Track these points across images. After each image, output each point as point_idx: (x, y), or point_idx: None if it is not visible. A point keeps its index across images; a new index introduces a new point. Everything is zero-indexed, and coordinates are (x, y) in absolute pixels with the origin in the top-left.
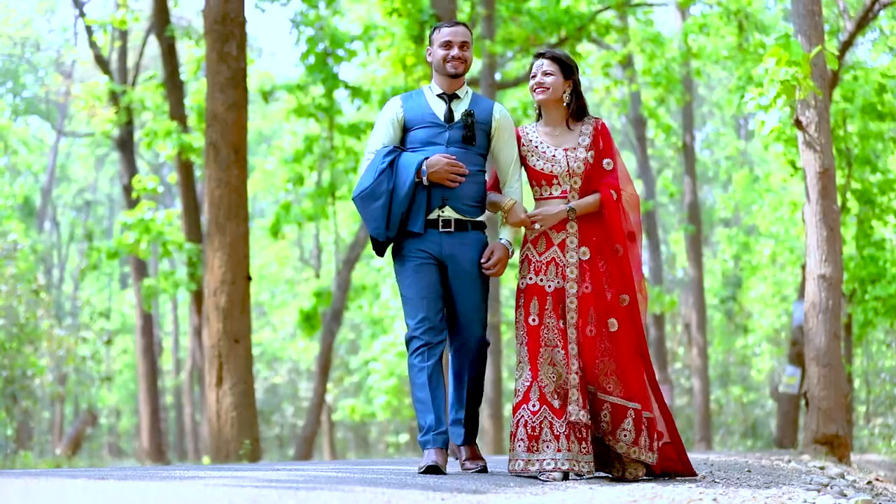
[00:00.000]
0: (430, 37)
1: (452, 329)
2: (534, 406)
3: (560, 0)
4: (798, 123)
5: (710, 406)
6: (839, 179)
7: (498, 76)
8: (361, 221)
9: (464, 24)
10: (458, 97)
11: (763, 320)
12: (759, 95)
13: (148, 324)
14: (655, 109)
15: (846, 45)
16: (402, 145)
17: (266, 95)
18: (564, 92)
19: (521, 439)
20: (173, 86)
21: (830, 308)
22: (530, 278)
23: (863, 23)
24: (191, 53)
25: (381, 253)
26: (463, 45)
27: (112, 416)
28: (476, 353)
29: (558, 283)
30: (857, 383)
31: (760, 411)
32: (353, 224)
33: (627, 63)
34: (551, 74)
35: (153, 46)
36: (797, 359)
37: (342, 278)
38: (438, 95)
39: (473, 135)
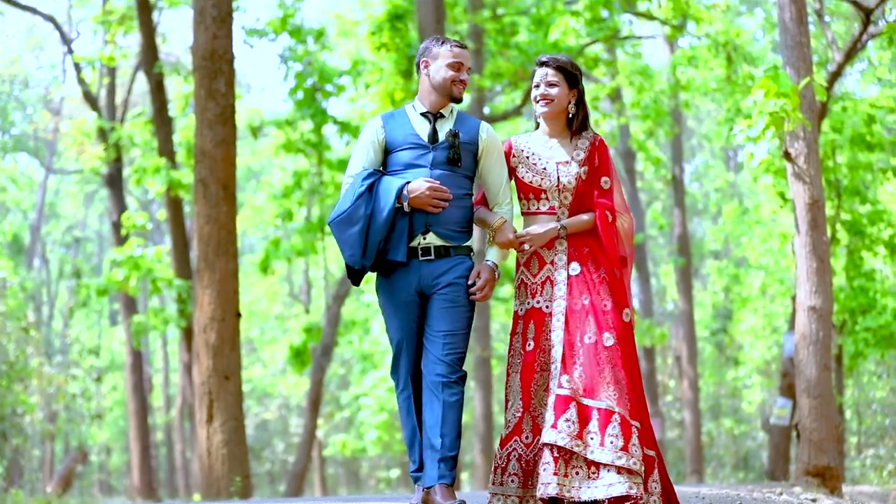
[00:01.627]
0: (428, 47)
1: (425, 355)
2: (527, 438)
3: (548, 33)
4: (787, 155)
5: (702, 438)
6: (829, 210)
7: (487, 110)
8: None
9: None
10: (442, 116)
11: (754, 352)
12: (747, 127)
13: (138, 361)
14: (644, 142)
15: (835, 76)
16: (384, 168)
17: (255, 131)
18: (569, 102)
19: (515, 474)
20: (162, 122)
21: (821, 339)
22: (528, 303)
23: (851, 54)
24: (179, 90)
25: (356, 282)
26: (468, 70)
27: (102, 453)
28: (452, 384)
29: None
30: (848, 414)
31: (752, 443)
32: (343, 259)
33: (616, 96)
34: (556, 85)
35: (142, 83)
36: (788, 390)
37: (332, 314)
38: (422, 114)
39: (459, 156)
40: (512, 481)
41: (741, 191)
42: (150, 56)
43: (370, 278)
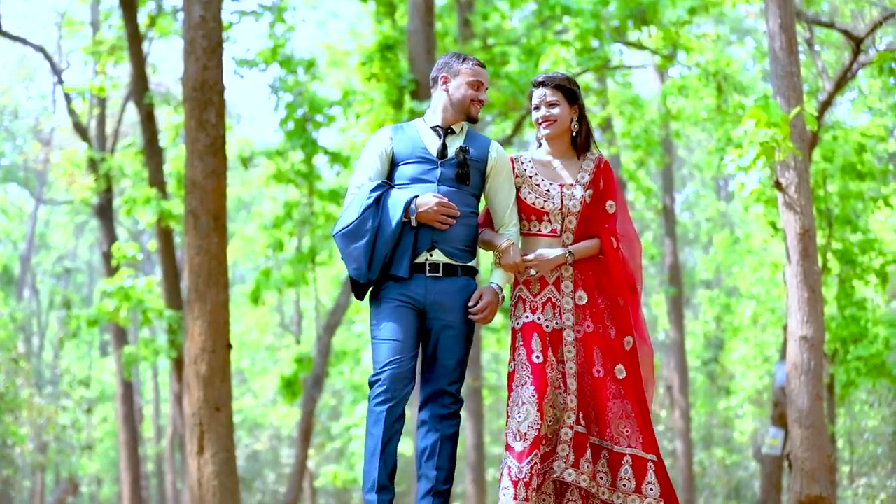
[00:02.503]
0: (448, 63)
1: (425, 385)
2: (546, 447)
3: (539, 63)
4: (778, 185)
5: (694, 468)
6: (820, 240)
7: None
8: (343, 283)
9: None
10: (452, 132)
11: (745, 381)
12: (738, 157)
13: (128, 391)
14: (635, 172)
15: (825, 105)
16: (389, 180)
17: (245, 162)
18: (571, 120)
19: (547, 494)
20: (152, 153)
21: (812, 369)
22: (527, 317)
23: (842, 83)
24: (170, 120)
25: (360, 296)
26: (486, 89)
27: (93, 484)
28: (451, 416)
29: (556, 323)
30: (840, 443)
31: (744, 473)
32: (334, 290)
33: (607, 126)
34: (556, 104)
35: (132, 113)
36: (780, 420)
37: (323, 344)
38: (433, 128)
39: (468, 173)
40: (543, 500)
41: (732, 220)
42: (140, 86)
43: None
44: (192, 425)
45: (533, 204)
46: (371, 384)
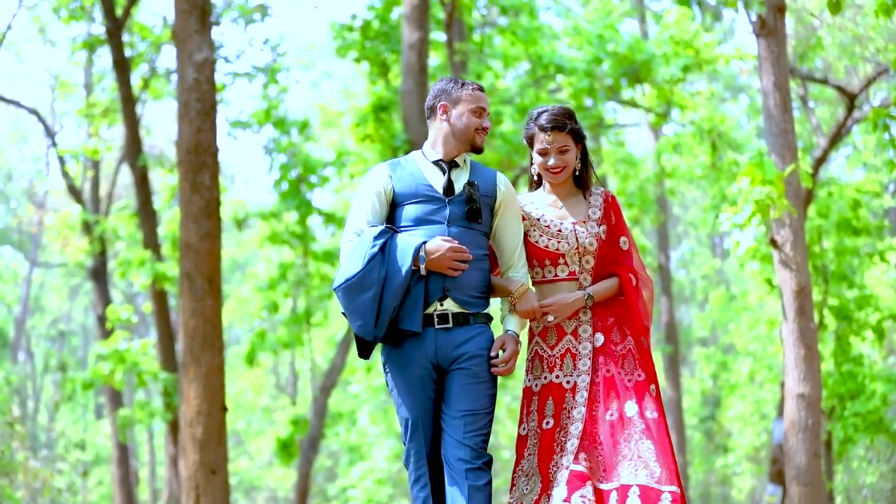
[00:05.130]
0: (446, 90)
1: (448, 441)
2: None
3: None
4: (773, 243)
5: None
6: (816, 296)
7: None
8: (339, 344)
9: None
10: (456, 165)
11: (743, 439)
12: (733, 214)
13: (124, 454)
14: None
15: (820, 162)
16: (390, 223)
17: (240, 223)
18: (577, 159)
19: None
20: (146, 215)
21: (810, 427)
22: (545, 377)
23: (836, 138)
24: (164, 182)
25: (366, 354)
26: (488, 115)
27: None
28: (480, 471)
29: (576, 375)
30: (838, 500)
31: None
32: (329, 351)
33: (601, 184)
34: (567, 150)
35: (126, 175)
36: (778, 477)
37: (319, 405)
38: (435, 162)
39: (479, 209)
40: None
41: (728, 277)
42: (134, 149)
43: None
44: (189, 488)
45: (546, 247)
46: (417, 479)
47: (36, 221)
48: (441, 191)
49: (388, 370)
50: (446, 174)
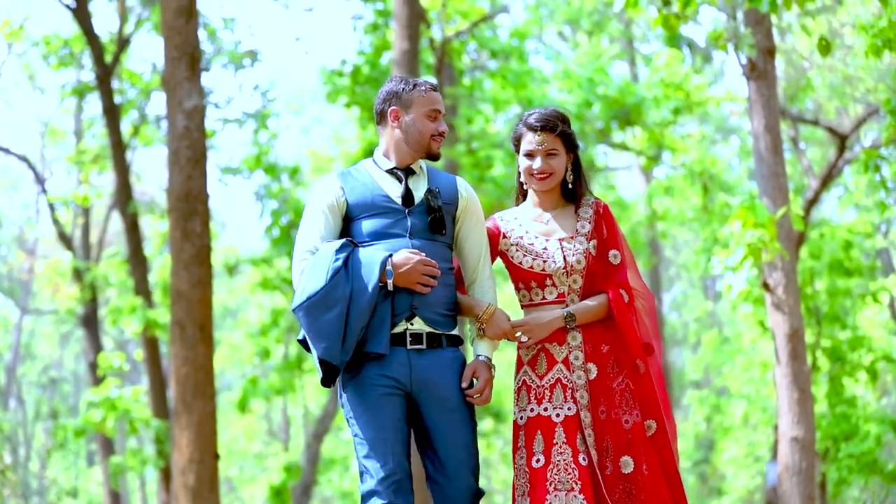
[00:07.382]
0: (395, 92)
1: (436, 482)
2: None
3: None
4: (766, 286)
5: None
6: (809, 338)
7: None
8: (332, 391)
9: None
10: (413, 172)
11: (737, 482)
12: (725, 257)
13: (116, 502)
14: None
15: (811, 203)
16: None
17: (231, 270)
18: (567, 169)
19: None
20: (137, 262)
21: (804, 470)
22: (531, 409)
23: (827, 180)
24: (155, 228)
25: (330, 382)
26: (443, 116)
27: None
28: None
29: (569, 409)
30: None
31: None
32: (321, 397)
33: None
34: (555, 154)
35: (116, 222)
36: None
37: (311, 451)
38: (389, 171)
39: (443, 220)
40: None
41: (721, 320)
42: (124, 195)
43: None
44: None
45: (531, 268)
46: (366, 496)
47: (26, 268)
48: (399, 201)
49: (350, 392)
50: (403, 183)
